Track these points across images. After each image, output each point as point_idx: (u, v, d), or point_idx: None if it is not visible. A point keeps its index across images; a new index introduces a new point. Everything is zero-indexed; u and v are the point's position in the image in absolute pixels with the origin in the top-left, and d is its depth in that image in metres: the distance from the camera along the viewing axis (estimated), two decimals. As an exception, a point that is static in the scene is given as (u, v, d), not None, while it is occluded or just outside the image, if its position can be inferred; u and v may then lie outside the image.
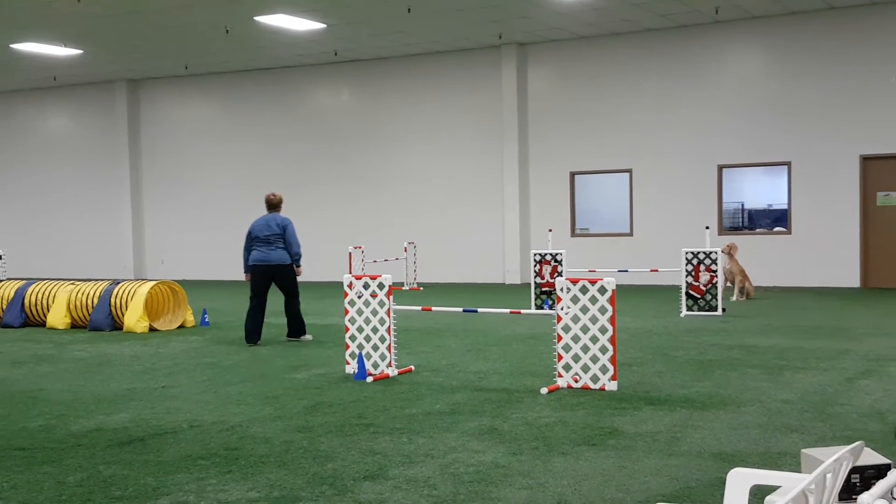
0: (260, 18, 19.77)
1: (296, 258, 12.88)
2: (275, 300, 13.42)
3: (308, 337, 13.10)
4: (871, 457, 4.05)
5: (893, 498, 3.73)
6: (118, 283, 15.32)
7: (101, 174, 28.86)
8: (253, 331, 12.78)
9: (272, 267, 12.76)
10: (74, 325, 15.50)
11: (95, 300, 15.17)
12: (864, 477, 3.91)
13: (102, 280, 17.82)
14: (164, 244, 28.37)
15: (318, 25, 20.59)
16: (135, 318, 14.55)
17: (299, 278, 13.04)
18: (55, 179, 29.68)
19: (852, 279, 20.15)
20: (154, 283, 15.04)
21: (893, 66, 19.42)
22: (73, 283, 15.81)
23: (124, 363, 11.36)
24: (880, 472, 3.93)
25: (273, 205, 13.04)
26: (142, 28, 20.86)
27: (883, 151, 19.65)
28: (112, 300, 14.94)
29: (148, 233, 28.66)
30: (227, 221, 26.91)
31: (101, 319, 14.91)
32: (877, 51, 19.41)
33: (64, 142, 29.52)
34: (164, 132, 28.20)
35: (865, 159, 19.94)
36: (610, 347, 8.84)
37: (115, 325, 14.94)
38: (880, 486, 3.37)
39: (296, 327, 13.08)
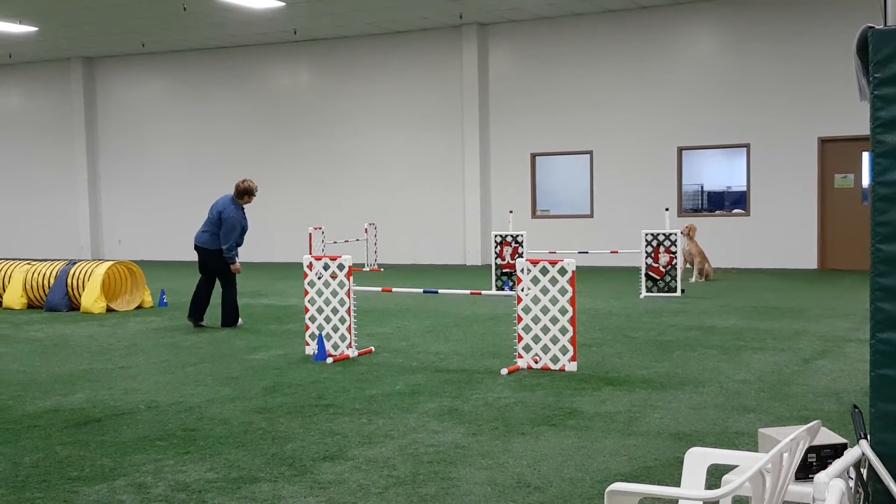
0: (219, -4, 19.57)
1: (226, 256, 12.18)
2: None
3: (240, 322, 12.54)
4: (827, 436, 4.09)
5: (850, 477, 3.76)
6: (75, 263, 15.14)
7: (57, 153, 28.47)
8: (192, 308, 12.47)
9: (200, 249, 12.33)
10: (31, 306, 15.30)
11: (52, 280, 14.98)
12: (821, 456, 3.94)
13: (59, 260, 17.60)
14: (121, 224, 28.07)
15: (276, 4, 20.39)
16: (92, 299, 14.40)
17: (238, 276, 12.57)
18: (10, 158, 29.24)
19: (810, 261, 20.36)
20: (111, 263, 14.88)
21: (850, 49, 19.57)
22: (29, 263, 15.61)
23: (81, 344, 11.24)
24: (836, 451, 3.96)
25: (237, 192, 12.31)
26: (98, 5, 20.56)
27: (840, 134, 19.81)
28: (69, 280, 14.76)
29: (105, 212, 28.33)
30: (184, 201, 26.67)
31: (58, 300, 14.74)
32: (835, 33, 19.54)
33: (19, 120, 29.07)
34: (120, 111, 27.86)
35: (823, 141, 20.12)
36: (570, 328, 8.86)
37: (72, 305, 14.77)
38: (836, 465, 3.40)
39: (227, 316, 12.38)
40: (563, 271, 8.85)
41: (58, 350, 10.81)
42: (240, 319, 12.55)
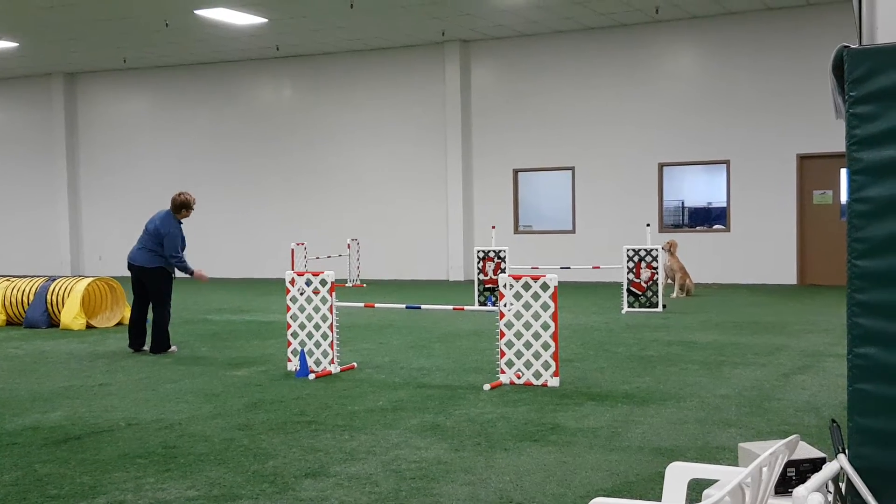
0: (200, 12, 19.55)
1: (185, 268, 11.58)
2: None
3: (174, 349, 11.78)
4: (806, 451, 4.11)
5: (828, 491, 3.79)
6: (54, 279, 15.06)
7: (38, 169, 28.35)
8: (132, 333, 11.81)
9: (137, 268, 11.62)
10: (10, 323, 15.21)
11: (31, 297, 14.90)
12: (800, 471, 3.97)
13: (38, 276, 17.53)
14: (102, 240, 27.94)
15: (259, 20, 20.42)
16: (72, 315, 14.32)
17: (203, 284, 11.97)
18: (-10, 174, 29.13)
19: (789, 276, 20.46)
20: (91, 279, 14.81)
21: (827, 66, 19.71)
22: (8, 280, 15.52)
23: (61, 361, 11.18)
24: (815, 465, 3.99)
25: (173, 205, 11.67)
26: (79, 21, 20.53)
27: (819, 150, 19.96)
28: (48, 297, 14.69)
29: (85, 228, 28.21)
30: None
31: (37, 316, 14.65)
32: (813, 50, 19.70)
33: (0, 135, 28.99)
34: (102, 127, 27.78)
35: (802, 158, 20.25)
36: (552, 344, 8.88)
37: (52, 322, 14.69)
38: (815, 479, 3.42)
39: (156, 341, 11.59)
40: (545, 287, 8.88)
41: (37, 367, 10.75)
42: (172, 346, 11.81)
